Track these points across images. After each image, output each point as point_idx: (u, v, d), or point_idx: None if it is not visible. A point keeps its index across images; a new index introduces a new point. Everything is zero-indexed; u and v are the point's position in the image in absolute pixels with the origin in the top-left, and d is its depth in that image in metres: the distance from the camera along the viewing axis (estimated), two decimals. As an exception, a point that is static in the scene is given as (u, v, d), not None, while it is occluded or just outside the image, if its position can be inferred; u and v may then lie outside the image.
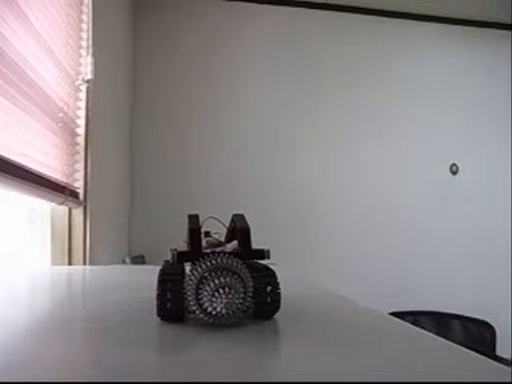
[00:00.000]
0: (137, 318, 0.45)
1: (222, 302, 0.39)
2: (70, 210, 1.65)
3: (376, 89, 3.29)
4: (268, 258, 0.47)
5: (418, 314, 2.09)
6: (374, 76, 3.30)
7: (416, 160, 3.28)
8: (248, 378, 0.28)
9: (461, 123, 3.36)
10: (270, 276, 0.45)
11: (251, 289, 0.43)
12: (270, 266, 0.47)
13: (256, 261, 0.48)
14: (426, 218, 3.24)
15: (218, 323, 0.42)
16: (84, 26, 1.73)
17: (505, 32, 3.43)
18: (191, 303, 0.41)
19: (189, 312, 0.43)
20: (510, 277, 3.18)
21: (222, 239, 0.54)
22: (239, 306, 0.41)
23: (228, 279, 0.40)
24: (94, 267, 1.29)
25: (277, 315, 0.46)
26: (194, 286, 0.41)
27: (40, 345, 0.35)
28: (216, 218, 0.55)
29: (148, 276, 0.82)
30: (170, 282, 0.43)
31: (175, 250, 0.46)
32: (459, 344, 0.36)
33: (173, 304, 0.43)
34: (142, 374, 0.28)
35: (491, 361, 0.31)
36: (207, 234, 0.53)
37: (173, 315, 0.43)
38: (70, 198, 1.54)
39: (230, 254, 0.43)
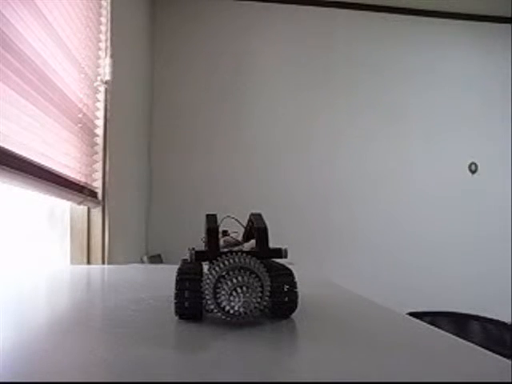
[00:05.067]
0: (155, 317, 0.45)
1: (239, 301, 0.39)
2: (88, 210, 1.67)
3: (392, 88, 3.26)
4: (285, 257, 0.47)
5: (435, 315, 2.06)
6: (392, 76, 3.27)
7: (434, 159, 3.24)
8: (265, 378, 0.28)
9: (480, 121, 3.31)
10: (287, 275, 0.45)
11: (269, 288, 0.43)
12: (288, 266, 0.47)
13: (273, 260, 0.48)
14: (445, 217, 3.20)
15: (235, 322, 0.42)
16: (102, 28, 1.74)
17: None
18: (209, 302, 0.41)
19: (207, 311, 0.43)
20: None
21: (240, 238, 0.54)
22: (257, 304, 0.41)
23: (246, 278, 0.40)
24: (112, 266, 1.30)
25: (294, 314, 0.46)
26: (212, 285, 0.41)
27: (58, 343, 0.36)
28: (233, 218, 0.55)
29: (166, 275, 0.83)
30: (189, 280, 0.43)
31: (193, 249, 0.46)
32: (479, 345, 0.36)
33: (191, 303, 0.43)
34: (160, 373, 0.29)
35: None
36: (225, 233, 0.54)
37: (191, 314, 0.43)
38: (88, 198, 1.56)
39: (247, 253, 0.43)
